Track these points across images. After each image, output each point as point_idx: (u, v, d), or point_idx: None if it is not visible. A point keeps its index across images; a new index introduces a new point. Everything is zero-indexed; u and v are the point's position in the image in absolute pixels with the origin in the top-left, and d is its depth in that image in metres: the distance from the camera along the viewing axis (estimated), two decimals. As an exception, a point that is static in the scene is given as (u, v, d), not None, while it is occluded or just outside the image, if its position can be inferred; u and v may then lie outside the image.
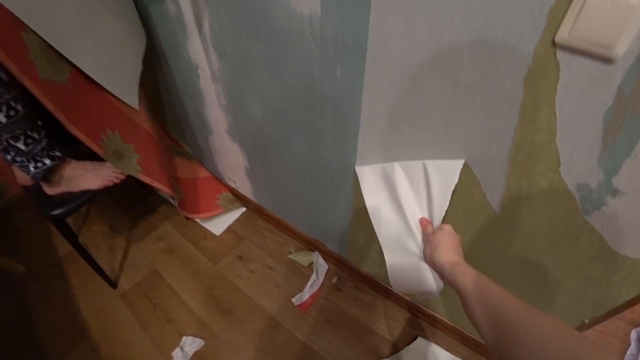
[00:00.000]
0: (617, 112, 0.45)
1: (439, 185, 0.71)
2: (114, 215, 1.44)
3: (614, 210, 0.54)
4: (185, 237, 1.31)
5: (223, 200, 1.35)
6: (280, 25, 0.71)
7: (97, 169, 1.00)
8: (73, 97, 0.85)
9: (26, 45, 0.71)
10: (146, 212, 1.42)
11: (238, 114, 1.04)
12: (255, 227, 1.34)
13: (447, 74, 0.56)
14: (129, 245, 1.30)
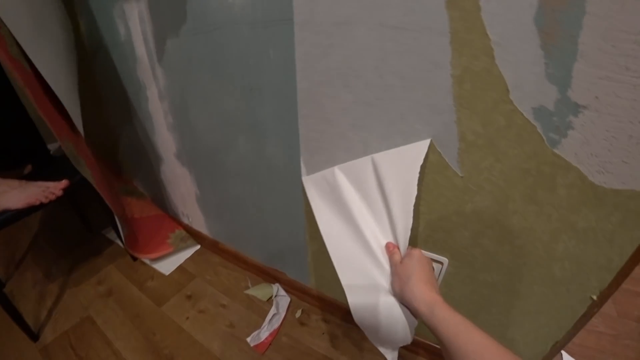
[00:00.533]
0: (546, 11, 0.42)
1: (396, 183, 0.62)
2: (51, 260, 1.28)
3: (582, 132, 0.47)
4: (129, 279, 1.15)
5: (175, 238, 1.23)
6: (215, 18, 0.72)
7: (24, 187, 0.89)
8: (37, 87, 0.80)
9: None
10: (89, 255, 1.28)
11: (185, 131, 1.00)
12: (209, 264, 1.19)
13: (371, 20, 0.54)
14: (63, 292, 1.12)
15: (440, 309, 0.48)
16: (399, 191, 0.62)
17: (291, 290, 1.05)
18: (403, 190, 0.61)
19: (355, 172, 0.69)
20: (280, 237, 0.98)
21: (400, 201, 0.62)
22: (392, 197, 0.63)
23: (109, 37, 1.01)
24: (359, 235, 0.68)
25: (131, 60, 0.99)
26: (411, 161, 0.60)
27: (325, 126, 0.69)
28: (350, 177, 0.70)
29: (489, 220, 0.60)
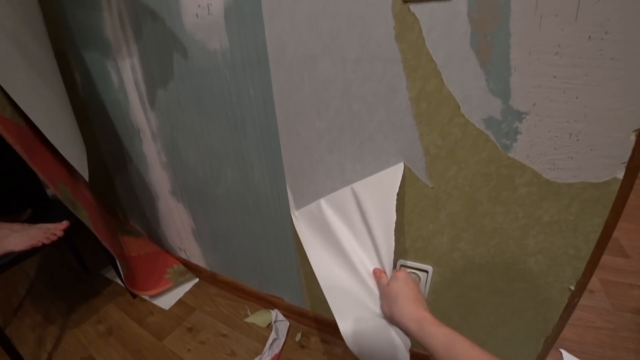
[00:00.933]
0: (478, 35, 0.49)
1: (376, 210, 0.66)
2: (50, 302, 1.28)
3: (529, 136, 0.52)
4: (129, 316, 1.15)
5: (173, 273, 1.26)
6: (199, 65, 0.79)
7: (26, 229, 0.93)
8: (33, 141, 0.85)
9: None
10: (88, 295, 1.29)
11: (177, 167, 1.06)
12: (208, 295, 1.21)
13: (334, 55, 0.61)
14: (63, 333, 1.12)
15: (429, 324, 0.50)
16: (380, 217, 0.66)
17: (289, 315, 1.07)
18: (383, 216, 0.65)
19: (338, 202, 0.74)
20: (273, 262, 1.01)
21: (381, 226, 0.65)
22: (374, 223, 0.66)
23: (103, 86, 1.09)
24: (348, 263, 0.71)
25: (125, 106, 1.06)
26: (388, 187, 0.64)
27: (304, 152, 0.75)
28: (335, 208, 0.75)
29: (462, 224, 0.65)
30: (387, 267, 0.65)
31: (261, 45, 0.68)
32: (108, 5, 0.92)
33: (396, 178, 0.64)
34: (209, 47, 0.76)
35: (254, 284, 1.12)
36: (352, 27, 0.58)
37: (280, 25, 0.64)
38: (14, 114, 0.81)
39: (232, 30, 0.71)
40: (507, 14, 0.47)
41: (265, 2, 0.64)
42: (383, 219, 0.65)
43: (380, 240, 0.66)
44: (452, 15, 0.50)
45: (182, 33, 0.79)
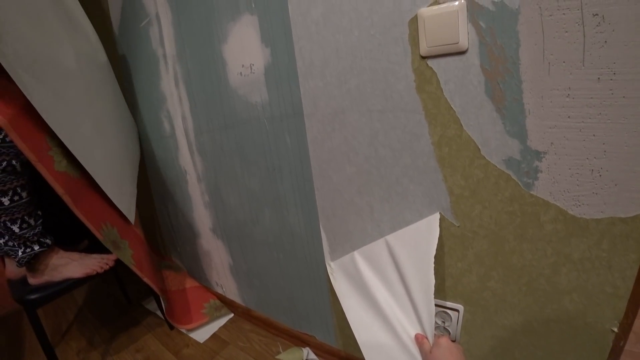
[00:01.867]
0: (492, 84, 0.55)
1: (413, 267, 0.68)
2: (94, 329, 1.37)
3: (550, 174, 0.55)
4: (165, 347, 1.20)
5: (209, 308, 1.31)
6: (242, 116, 0.91)
7: (82, 258, 1.03)
8: (82, 189, 0.97)
9: (48, 144, 0.88)
10: (129, 324, 1.37)
11: (218, 207, 1.15)
12: (241, 331, 1.23)
13: (361, 107, 0.69)
14: (104, 359, 1.19)
15: None
16: (419, 279, 0.67)
17: (321, 354, 1.07)
18: (422, 278, 0.66)
19: (372, 256, 0.76)
20: (306, 300, 1.04)
21: (421, 289, 0.67)
22: (413, 285, 0.68)
23: (156, 133, 1.24)
24: (388, 325, 0.72)
25: (174, 151, 1.20)
26: (425, 245, 0.66)
27: (336, 195, 0.81)
28: (369, 262, 0.77)
29: (490, 262, 0.66)
30: (428, 332, 0.66)
31: (296, 99, 0.78)
32: (165, 66, 1.08)
33: (432, 235, 0.65)
34: (251, 101, 0.87)
35: (286, 321, 1.15)
36: (377, 82, 0.65)
37: (314, 83, 0.73)
38: (68, 167, 0.94)
39: (271, 86, 0.81)
40: (516, 64, 0.52)
41: (300, 63, 0.74)
42: (422, 282, 0.66)
43: (421, 304, 0.67)
44: (466, 67, 0.56)
45: (227, 88, 0.91)
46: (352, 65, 0.67)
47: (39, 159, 0.86)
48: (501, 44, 0.53)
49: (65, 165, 0.93)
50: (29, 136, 0.85)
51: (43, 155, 0.88)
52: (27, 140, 0.84)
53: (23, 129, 0.84)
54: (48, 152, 0.89)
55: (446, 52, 0.57)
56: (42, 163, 0.86)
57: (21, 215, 0.89)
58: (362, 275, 0.76)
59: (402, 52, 0.61)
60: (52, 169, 0.89)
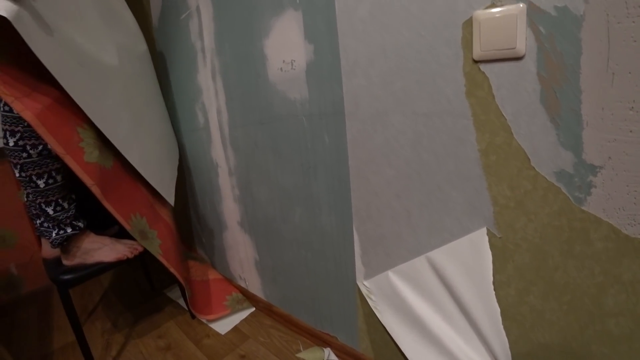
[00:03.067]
0: (547, 91, 0.53)
1: (469, 287, 0.66)
2: (119, 312, 1.43)
3: (604, 189, 0.52)
4: (187, 335, 1.23)
5: (232, 301, 1.33)
6: (279, 112, 0.91)
7: (114, 243, 1.06)
8: (112, 180, 1.01)
9: (79, 136, 0.92)
10: (152, 311, 1.41)
11: (248, 202, 1.16)
12: (262, 326, 1.24)
13: (406, 109, 0.68)
14: (127, 342, 1.23)
15: None
16: (479, 303, 0.65)
17: (342, 355, 1.06)
18: (483, 303, 0.64)
19: (413, 274, 0.74)
20: (331, 301, 1.04)
21: (484, 316, 0.65)
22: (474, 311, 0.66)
23: (190, 125, 1.27)
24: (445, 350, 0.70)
25: (207, 143, 1.22)
26: (479, 265, 0.64)
27: (373, 197, 0.80)
28: (409, 281, 0.75)
29: (531, 277, 0.64)
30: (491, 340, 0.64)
31: (338, 98, 0.77)
32: (203, 59, 1.10)
33: (485, 257, 0.63)
34: (290, 97, 0.87)
35: (309, 320, 1.15)
36: (424, 85, 0.64)
37: (357, 82, 0.73)
38: (99, 158, 0.97)
39: (312, 84, 0.81)
40: (576, 73, 0.50)
41: (344, 61, 0.74)
42: (486, 310, 0.64)
43: (490, 336, 0.64)
44: (521, 74, 0.54)
45: (265, 83, 0.92)
46: (398, 65, 0.66)
47: (67, 152, 0.89)
48: (561, 51, 0.51)
49: (97, 157, 0.97)
50: (58, 130, 0.88)
51: (72, 147, 0.91)
52: (55, 133, 0.87)
53: (52, 123, 0.87)
54: (79, 144, 0.92)
55: (501, 57, 0.55)
56: (71, 155, 0.89)
57: (55, 198, 0.93)
58: (404, 298, 0.74)
59: (454, 55, 0.60)
60: (81, 160, 0.92)
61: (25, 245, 1.63)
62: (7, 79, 0.81)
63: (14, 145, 0.87)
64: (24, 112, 0.81)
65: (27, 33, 0.74)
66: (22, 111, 0.81)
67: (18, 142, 0.86)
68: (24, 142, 0.87)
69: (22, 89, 0.83)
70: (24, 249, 1.63)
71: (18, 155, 0.87)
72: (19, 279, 1.65)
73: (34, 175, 0.89)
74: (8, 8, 0.72)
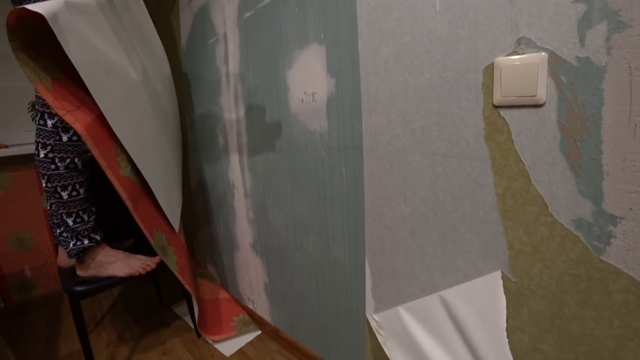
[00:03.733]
0: (568, 141, 0.54)
1: (481, 332, 0.66)
2: (126, 324, 1.43)
3: (625, 241, 0.52)
4: (191, 354, 1.22)
5: (239, 322, 1.33)
6: (298, 142, 0.94)
7: (127, 258, 1.08)
8: (140, 195, 1.05)
9: (117, 150, 0.96)
10: (158, 326, 1.41)
11: (262, 226, 1.17)
12: (267, 350, 1.23)
13: (424, 149, 0.69)
14: (131, 356, 1.23)
15: None
16: (491, 350, 0.65)
17: (348, 388, 1.03)
18: (496, 351, 0.64)
19: (423, 312, 0.74)
20: (339, 332, 1.03)
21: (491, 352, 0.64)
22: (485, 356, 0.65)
23: (209, 145, 1.31)
24: None
25: (225, 164, 1.25)
26: (492, 311, 0.64)
27: (387, 232, 0.81)
28: (419, 318, 0.75)
29: (546, 324, 0.62)
30: None
31: (357, 132, 0.79)
32: (227, 84, 1.14)
33: (499, 303, 0.63)
34: (310, 128, 0.90)
35: (315, 348, 1.13)
36: (443, 126, 0.66)
37: (377, 119, 0.75)
38: (131, 173, 1.02)
39: (332, 117, 0.84)
40: (598, 123, 0.50)
41: (365, 98, 0.76)
42: (497, 355, 0.64)
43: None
44: (541, 121, 0.55)
45: (287, 112, 0.95)
46: (419, 106, 0.68)
47: (109, 165, 0.93)
48: (582, 101, 0.52)
49: (129, 172, 1.01)
50: (102, 143, 0.93)
51: (112, 161, 0.95)
52: (100, 146, 0.92)
53: (97, 136, 0.92)
54: (116, 158, 0.96)
55: (521, 103, 0.56)
56: (111, 169, 0.94)
57: (76, 210, 0.97)
58: (414, 336, 0.73)
59: (474, 99, 0.61)
60: (118, 174, 0.96)
61: (42, 249, 1.68)
62: (59, 94, 0.87)
63: (44, 157, 0.91)
64: (75, 124, 0.86)
65: (61, 33, 0.78)
66: (73, 123, 0.86)
67: (48, 155, 0.91)
68: (53, 155, 0.92)
69: (72, 103, 0.89)
70: (39, 252, 1.68)
71: (47, 167, 0.92)
72: (33, 281, 1.69)
73: (59, 186, 0.93)
74: (46, 8, 0.76)
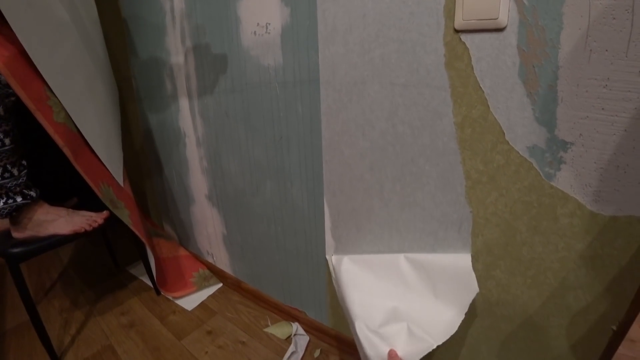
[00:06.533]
0: (527, 67, 0.52)
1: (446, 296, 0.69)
2: (79, 290, 1.35)
3: (574, 166, 0.53)
4: (151, 312, 1.19)
5: (198, 278, 1.30)
6: (252, 79, 0.86)
7: (70, 215, 0.99)
8: (79, 144, 0.93)
9: (47, 94, 0.84)
10: (114, 288, 1.35)
11: (217, 174, 1.11)
12: (230, 302, 1.23)
13: (383, 79, 0.65)
14: (87, 320, 1.17)
15: None
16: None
17: (310, 330, 1.06)
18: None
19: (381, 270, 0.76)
20: (300, 277, 1.03)
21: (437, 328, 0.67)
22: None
23: (156, 92, 1.19)
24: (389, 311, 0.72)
25: (174, 112, 1.15)
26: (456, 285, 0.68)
27: (345, 170, 0.78)
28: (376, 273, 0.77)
29: (499, 252, 0.65)
30: None
31: (313, 65, 0.73)
32: (172, 21, 1.02)
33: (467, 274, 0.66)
34: (263, 63, 0.82)
35: (277, 295, 1.14)
36: (403, 54, 0.62)
37: (334, 49, 0.69)
38: (66, 119, 0.90)
39: (287, 50, 0.77)
40: (556, 48, 0.49)
41: (322, 27, 0.69)
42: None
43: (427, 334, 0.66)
44: (501, 47, 0.53)
45: (238, 48, 0.86)
46: (378, 33, 0.63)
47: (38, 108, 0.81)
48: (542, 26, 0.50)
49: (64, 117, 0.89)
50: (28, 84, 0.80)
51: (42, 104, 0.83)
52: (26, 88, 0.79)
53: (21, 75, 0.79)
54: (47, 102, 0.84)
55: (483, 27, 0.53)
56: (42, 112, 0.82)
57: (3, 164, 0.84)
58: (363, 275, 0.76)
59: (435, 24, 0.57)
60: (51, 119, 0.84)
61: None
62: None
63: None
64: None
65: None
66: None
67: None
68: None
69: None
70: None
71: None
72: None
73: None
74: None
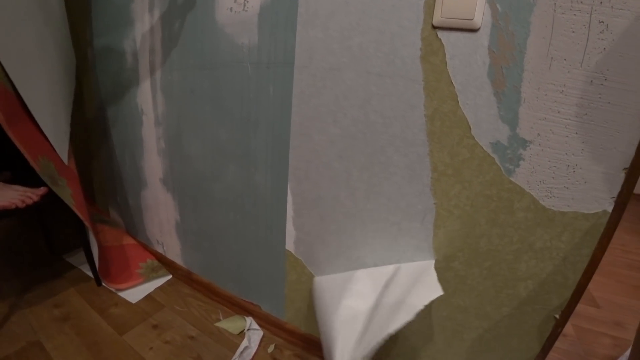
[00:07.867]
0: (495, 67, 0.55)
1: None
2: (4, 278, 1.18)
3: (531, 163, 0.57)
4: (90, 304, 1.07)
5: (146, 269, 1.20)
6: (224, 57, 0.82)
7: (1, 189, 0.87)
8: (19, 110, 0.82)
9: None
10: (48, 277, 1.19)
11: (175, 156, 1.05)
12: (180, 295, 1.15)
13: (359, 67, 0.66)
14: (12, 313, 1.02)
15: None
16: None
17: (264, 325, 1.03)
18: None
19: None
20: (258, 268, 0.99)
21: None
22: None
23: (115, 63, 1.09)
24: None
25: (133, 87, 1.06)
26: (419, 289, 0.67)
27: (313, 156, 0.77)
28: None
29: (459, 243, 0.67)
30: None
31: (290, 48, 0.72)
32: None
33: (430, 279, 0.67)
34: (237, 42, 0.79)
35: (232, 288, 1.09)
36: (381, 44, 0.63)
37: (314, 34, 0.68)
38: (3, 77, 0.79)
39: (264, 29, 0.74)
40: (522, 53, 0.53)
41: (302, 9, 0.68)
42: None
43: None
44: (474, 47, 0.56)
45: (212, 24, 0.82)
46: (359, 21, 0.64)
47: None
48: (513, 31, 0.53)
49: (2, 77, 0.78)
50: None
51: None
52: None
53: None
54: None
55: (459, 26, 0.56)
56: None
57: None
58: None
59: (415, 18, 0.59)
60: None
61: None
62: None
63: None
64: None
65: None
66: None
67: None
68: None
69: None
70: None
71: None
72: None
73: None
74: None
